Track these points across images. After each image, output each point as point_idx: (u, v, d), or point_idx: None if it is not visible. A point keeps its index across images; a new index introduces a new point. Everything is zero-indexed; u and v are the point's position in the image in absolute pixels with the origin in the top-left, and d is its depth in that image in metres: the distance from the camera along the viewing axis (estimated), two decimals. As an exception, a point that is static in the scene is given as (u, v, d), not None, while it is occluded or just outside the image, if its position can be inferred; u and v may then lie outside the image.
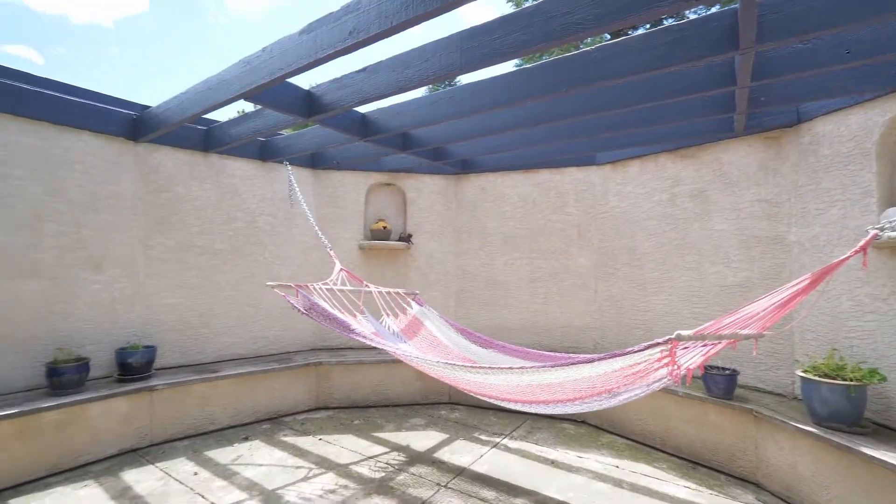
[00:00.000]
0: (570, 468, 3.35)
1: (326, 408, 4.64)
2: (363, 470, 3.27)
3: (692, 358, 1.91)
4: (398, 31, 2.17)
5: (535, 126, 3.57)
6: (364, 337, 2.99)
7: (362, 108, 3.58)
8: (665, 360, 1.85)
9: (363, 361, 4.68)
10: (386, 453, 3.57)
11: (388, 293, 3.83)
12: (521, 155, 4.78)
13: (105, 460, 3.36)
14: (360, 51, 2.44)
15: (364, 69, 3.02)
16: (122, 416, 3.47)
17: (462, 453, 3.59)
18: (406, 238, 5.21)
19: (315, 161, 5.10)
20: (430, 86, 10.34)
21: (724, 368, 3.50)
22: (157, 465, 3.31)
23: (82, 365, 3.38)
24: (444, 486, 3.04)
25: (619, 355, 1.94)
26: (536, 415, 4.45)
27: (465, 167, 5.22)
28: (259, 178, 4.77)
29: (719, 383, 3.37)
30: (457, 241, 5.35)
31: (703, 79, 2.79)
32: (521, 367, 2.27)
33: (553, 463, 3.43)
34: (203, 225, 4.38)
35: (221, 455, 3.49)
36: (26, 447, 3.01)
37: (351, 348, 5.09)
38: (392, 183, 5.37)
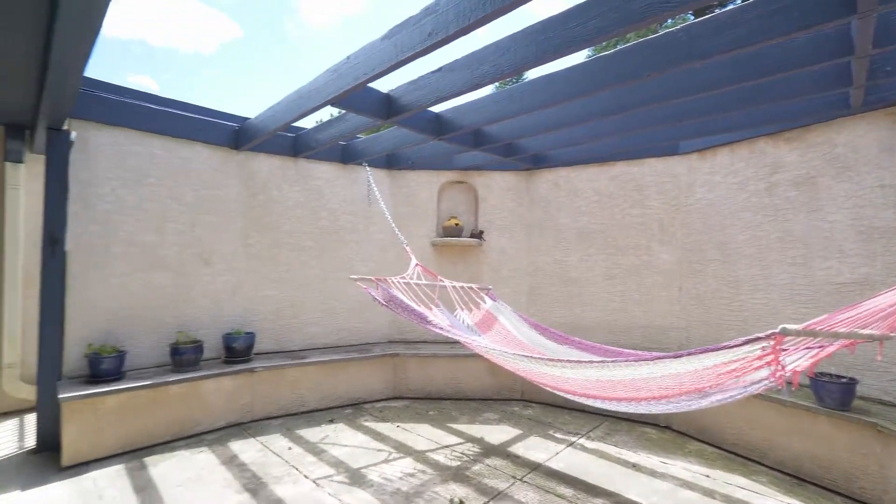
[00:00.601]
0: (653, 473, 3.18)
1: (402, 397, 4.84)
2: (439, 458, 3.38)
3: (798, 359, 1.73)
4: (475, 28, 2.23)
5: (611, 116, 3.45)
6: (440, 328, 3.08)
7: (436, 108, 3.71)
8: (767, 359, 1.70)
9: (437, 355, 4.82)
10: (461, 444, 3.65)
11: (462, 288, 3.91)
12: (595, 147, 4.63)
13: (216, 431, 3.81)
14: (434, 53, 2.55)
15: (440, 69, 3.13)
16: (228, 394, 3.92)
17: (536, 449, 3.56)
18: (478, 235, 5.27)
19: (390, 162, 5.35)
20: (497, 84, 10.30)
21: (838, 376, 3.11)
22: (258, 438, 3.69)
23: (198, 347, 3.87)
24: (520, 480, 3.04)
25: (713, 351, 1.82)
26: (615, 416, 4.28)
27: (537, 162, 5.16)
28: (340, 180, 5.11)
29: (833, 392, 3.00)
30: (528, 237, 5.30)
31: (808, 51, 2.51)
32: (602, 361, 2.22)
33: (634, 466, 3.28)
34: (293, 224, 4.79)
35: (311, 434, 3.80)
36: (156, 414, 3.52)
37: (425, 342, 5.26)
38: (463, 181, 5.47)
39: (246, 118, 4.47)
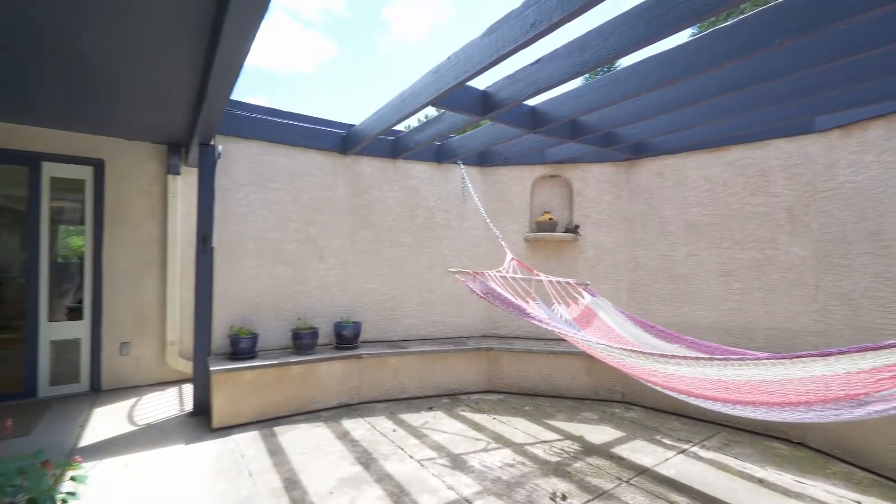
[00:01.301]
0: (786, 492, 2.83)
1: (497, 391, 4.89)
2: (538, 451, 3.36)
3: None
4: (580, 14, 2.18)
5: (726, 95, 3.13)
6: (539, 320, 3.07)
7: (532, 101, 3.69)
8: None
9: (532, 350, 4.78)
10: (559, 440, 3.59)
11: (558, 283, 3.84)
12: (706, 131, 4.22)
13: (329, 409, 4.21)
14: (530, 47, 2.54)
15: (537, 61, 3.11)
16: (339, 377, 4.30)
17: (643, 453, 3.36)
18: (573, 229, 5.12)
19: (483, 159, 5.42)
20: (585, 76, 9.83)
21: None
22: (365, 419, 4.00)
23: (314, 333, 4.31)
24: (626, 482, 2.91)
25: (873, 350, 1.57)
26: (734, 426, 3.88)
27: (638, 151, 4.86)
28: (435, 179, 5.32)
29: None
30: (629, 231, 5.02)
31: None
32: (725, 359, 2.03)
33: (761, 482, 2.95)
34: (393, 222, 5.10)
35: (412, 419, 4.02)
36: (282, 390, 3.99)
37: (518, 337, 5.25)
38: (557, 174, 5.35)
39: (352, 125, 4.87)
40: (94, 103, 3.73)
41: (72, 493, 1.67)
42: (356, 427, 3.80)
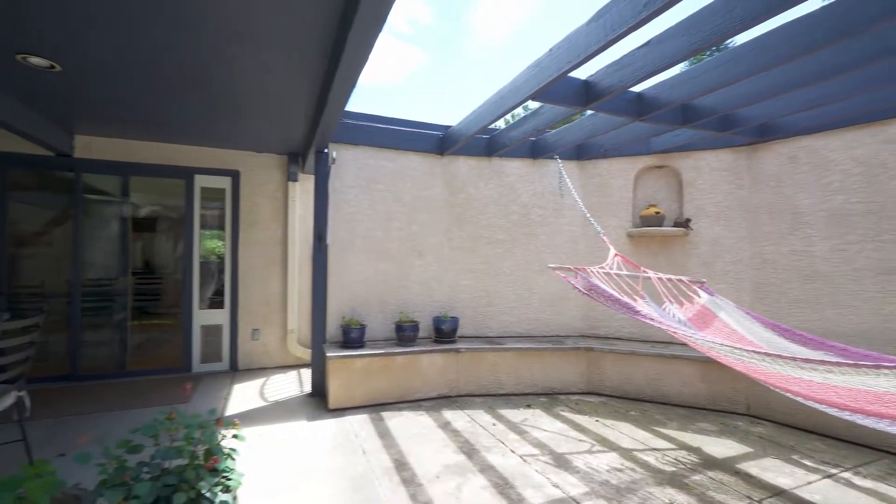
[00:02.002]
0: (979, 537, 2.31)
1: (598, 393, 4.68)
2: (649, 459, 3.16)
3: None
4: (703, -15, 2.02)
5: (883, 60, 2.64)
6: (651, 319, 2.88)
7: (637, 88, 3.48)
8: None
9: (636, 353, 4.50)
10: (672, 450, 3.33)
11: (669, 280, 3.57)
12: (855, 105, 3.60)
13: (430, 399, 4.39)
14: (638, 31, 2.40)
15: (647, 43, 2.93)
16: (439, 369, 4.47)
17: (776, 473, 2.98)
18: (683, 223, 4.70)
19: (580, 152, 5.24)
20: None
21: None
22: (464, 411, 4.10)
23: (415, 326, 4.53)
24: (758, 502, 2.60)
25: None
26: (898, 454, 3.26)
27: (764, 134, 4.31)
28: (531, 175, 5.26)
29: None
30: (752, 224, 4.47)
31: None
32: (893, 366, 1.72)
33: (942, 521, 2.44)
34: (488, 219, 5.16)
35: (510, 415, 4.03)
36: (387, 379, 4.26)
37: (621, 338, 4.97)
38: (663, 165, 4.96)
39: (448, 126, 5.03)
40: (232, 123, 4.33)
41: (233, 450, 1.98)
42: (456, 418, 3.92)
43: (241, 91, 3.54)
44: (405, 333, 4.48)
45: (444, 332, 4.67)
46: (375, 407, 4.16)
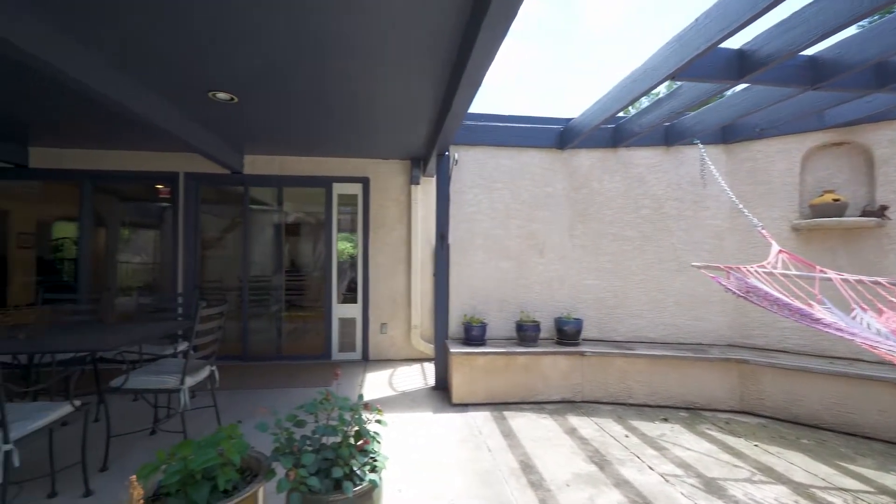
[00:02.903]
0: None
1: (754, 413, 4.02)
2: (836, 500, 2.59)
3: None
4: None
5: None
6: (837, 329, 2.36)
7: (808, 52, 2.89)
8: None
9: (809, 369, 3.75)
10: (869, 493, 2.68)
11: (859, 282, 2.89)
12: None
13: (552, 403, 4.25)
14: None
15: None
16: (562, 372, 4.29)
17: None
18: (876, 212, 3.78)
19: (727, 135, 4.57)
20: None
21: None
22: (591, 418, 3.87)
23: (537, 326, 4.43)
24: None
25: None
26: None
27: None
28: (664, 164, 4.75)
29: None
30: None
31: None
32: None
33: None
34: (614, 214, 4.80)
35: (645, 428, 3.68)
36: (508, 378, 4.23)
37: (784, 351, 4.20)
38: (844, 141, 4.05)
39: (568, 119, 4.81)
40: (364, 135, 4.73)
41: (377, 433, 2.13)
42: (583, 425, 3.71)
43: (374, 106, 3.84)
44: (526, 333, 4.40)
45: (567, 334, 4.47)
46: (497, 405, 4.16)
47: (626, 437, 3.48)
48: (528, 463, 3.00)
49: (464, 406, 4.13)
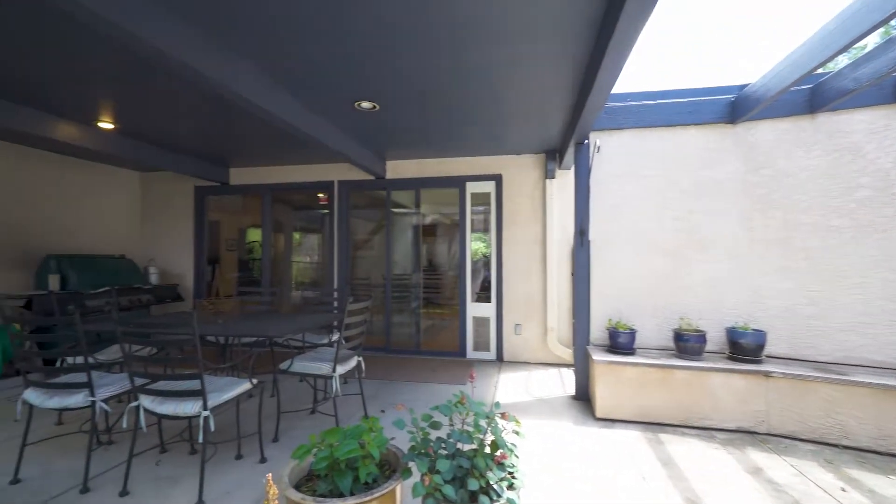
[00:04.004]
0: None
1: None
2: None
3: None
4: None
5: None
6: None
7: None
8: None
9: None
10: None
11: None
12: None
13: (724, 431, 3.50)
14: None
15: None
16: (738, 394, 3.51)
17: None
18: None
19: None
20: None
21: None
22: (783, 458, 3.05)
23: (701, 336, 3.71)
24: None
25: None
26: None
27: None
28: (894, 128, 3.54)
29: None
30: None
31: None
32: None
33: None
34: (811, 199, 3.76)
35: (871, 482, 2.74)
36: (664, 395, 3.63)
37: None
38: None
39: (742, 86, 3.94)
40: (498, 131, 4.61)
41: (515, 445, 1.95)
42: (771, 465, 2.95)
43: (508, 99, 3.68)
44: (687, 344, 3.72)
45: (744, 348, 3.65)
46: (649, 425, 3.61)
47: (843, 491, 2.63)
48: (698, 503, 2.48)
49: (609, 422, 3.68)
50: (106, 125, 4.52)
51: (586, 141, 4.23)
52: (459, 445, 1.85)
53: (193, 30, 2.64)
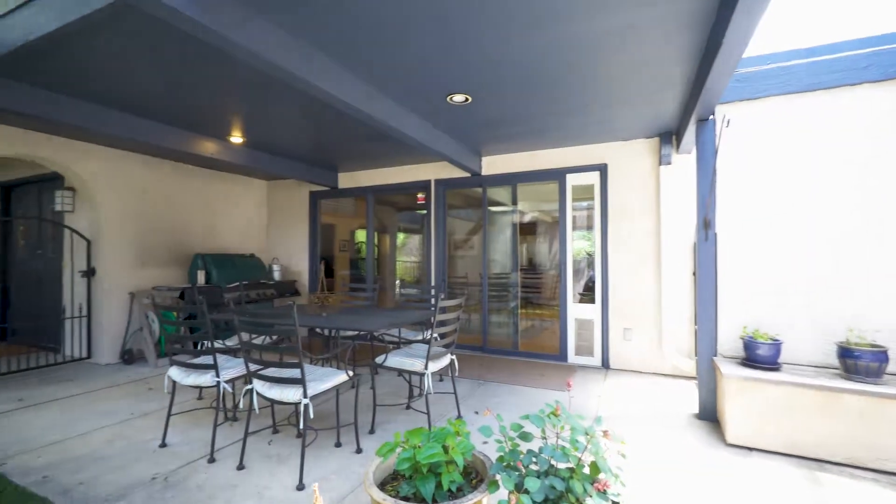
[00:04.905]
0: None
1: None
2: None
3: None
4: None
5: None
6: None
7: None
8: None
9: None
10: None
11: None
12: None
13: (919, 480, 2.66)
14: None
15: None
16: (940, 433, 2.64)
17: None
18: None
19: None
20: None
21: None
22: None
23: (880, 354, 2.88)
24: None
25: None
26: None
27: None
28: None
29: None
30: None
31: None
32: None
33: None
34: None
35: None
36: (824, 424, 2.89)
37: None
38: None
39: (943, 24, 2.99)
40: (602, 115, 4.17)
41: (620, 470, 1.66)
42: None
43: (615, 76, 3.29)
44: (860, 362, 2.92)
45: (950, 373, 2.74)
46: (803, 460, 2.90)
47: None
48: (880, 572, 1.88)
49: (745, 450, 3.05)
50: (236, 139, 5.14)
51: (711, 117, 3.60)
52: (553, 462, 1.62)
53: (307, 45, 2.80)
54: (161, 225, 6.00)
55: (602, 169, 5.28)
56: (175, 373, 3.09)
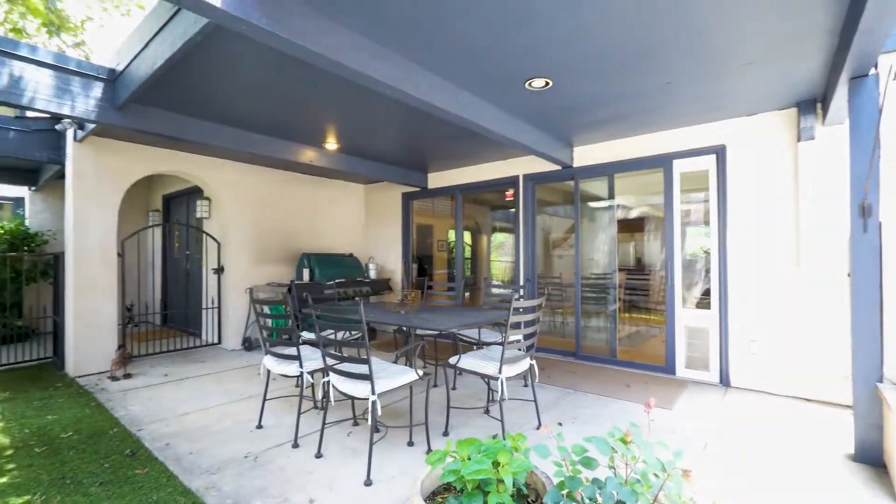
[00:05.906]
0: None
1: None
2: None
3: None
4: None
5: None
6: None
7: None
8: None
9: None
10: None
11: None
12: None
13: None
14: None
15: None
16: None
17: None
18: None
19: None
20: None
21: None
22: None
23: None
24: None
25: None
26: None
27: None
28: None
29: None
30: None
31: None
32: None
33: None
34: None
35: None
36: None
37: None
38: None
39: None
40: (715, 85, 3.51)
41: (715, 520, 1.30)
42: None
43: (730, 36, 2.73)
44: None
45: None
46: None
47: None
48: None
49: (928, 511, 2.28)
50: (331, 146, 5.51)
51: (872, 71, 2.79)
52: (618, 497, 1.33)
53: (393, 53, 2.84)
54: (274, 227, 6.72)
55: (719, 151, 4.49)
56: (269, 361, 3.37)
